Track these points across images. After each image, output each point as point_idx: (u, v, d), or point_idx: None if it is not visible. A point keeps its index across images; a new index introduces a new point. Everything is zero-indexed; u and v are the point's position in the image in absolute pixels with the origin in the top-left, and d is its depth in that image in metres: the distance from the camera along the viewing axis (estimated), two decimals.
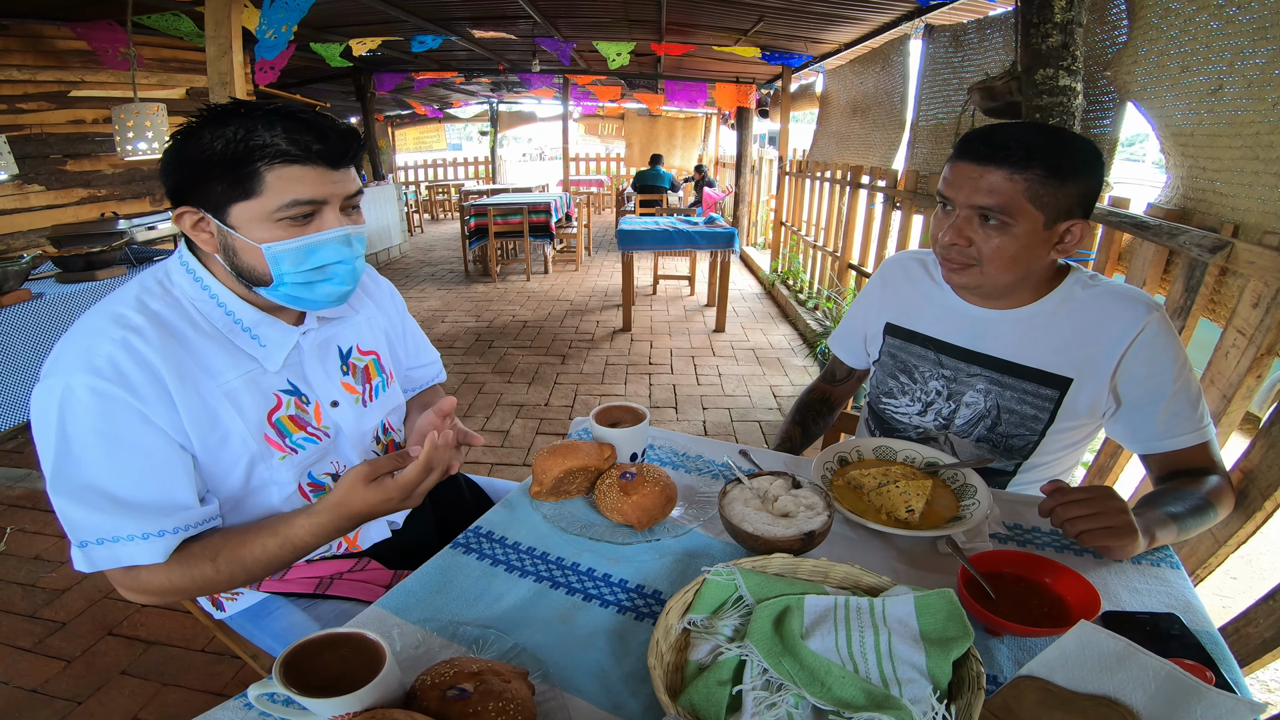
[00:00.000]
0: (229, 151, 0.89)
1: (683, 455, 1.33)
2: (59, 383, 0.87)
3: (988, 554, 0.94)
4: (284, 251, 0.94)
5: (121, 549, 0.88)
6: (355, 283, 1.04)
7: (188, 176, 0.93)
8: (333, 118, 0.97)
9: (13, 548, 2.50)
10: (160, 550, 0.90)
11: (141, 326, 0.91)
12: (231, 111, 0.92)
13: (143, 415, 0.89)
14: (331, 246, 0.97)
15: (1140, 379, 1.15)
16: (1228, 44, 1.79)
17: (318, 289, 1.00)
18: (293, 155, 0.91)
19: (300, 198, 0.92)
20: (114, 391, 0.87)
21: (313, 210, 0.95)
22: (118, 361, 0.88)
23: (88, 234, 3.40)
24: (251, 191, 0.91)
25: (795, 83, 7.52)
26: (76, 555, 0.90)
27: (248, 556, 0.95)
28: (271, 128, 0.90)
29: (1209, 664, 0.79)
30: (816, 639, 0.76)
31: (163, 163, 0.95)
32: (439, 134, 16.10)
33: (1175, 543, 1.05)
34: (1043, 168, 1.05)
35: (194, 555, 0.93)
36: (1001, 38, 3.20)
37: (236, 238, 0.93)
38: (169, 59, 5.46)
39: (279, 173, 0.91)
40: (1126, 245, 2.23)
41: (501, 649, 0.83)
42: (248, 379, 1.01)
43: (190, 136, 0.91)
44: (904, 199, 3.99)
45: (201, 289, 1.00)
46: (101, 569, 0.90)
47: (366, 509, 0.95)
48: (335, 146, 0.94)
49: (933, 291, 1.36)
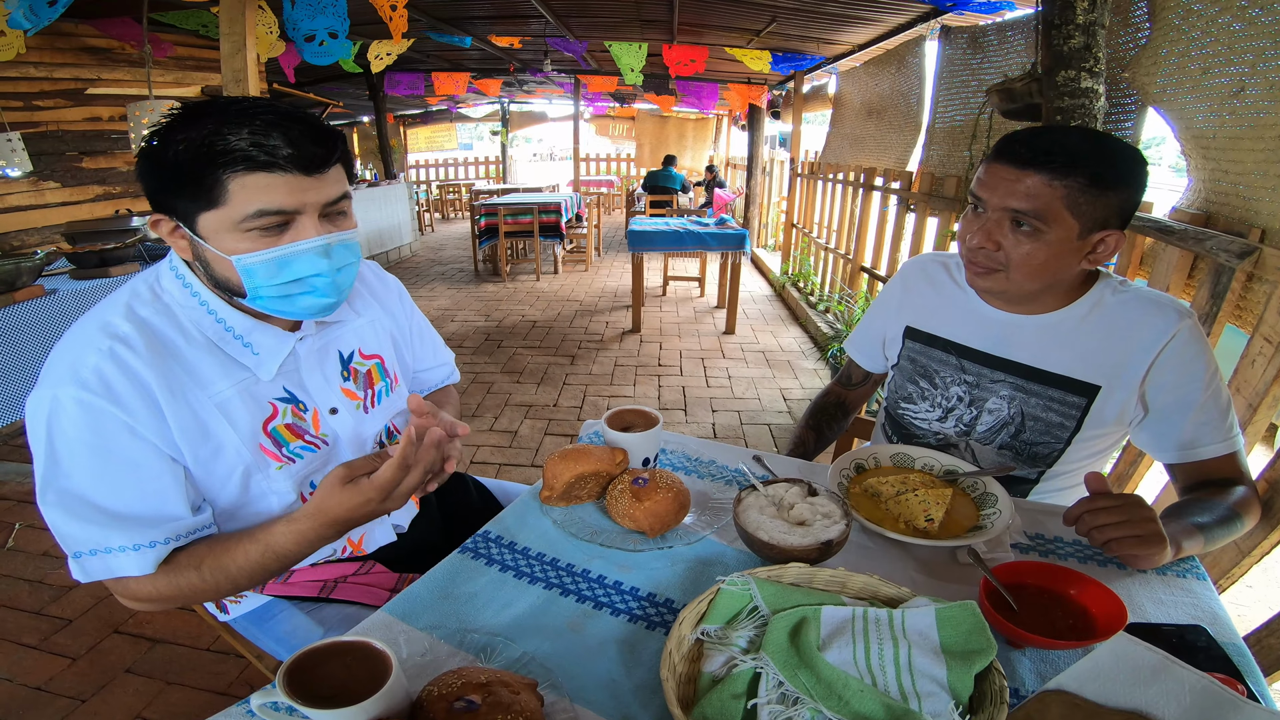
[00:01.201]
0: (193, 157, 0.83)
1: (695, 460, 1.31)
2: (47, 394, 0.85)
3: (1010, 565, 0.92)
4: (255, 264, 0.89)
5: (113, 560, 0.87)
6: (340, 294, 0.98)
7: (159, 181, 0.87)
8: (315, 117, 0.90)
9: (20, 543, 2.51)
10: (149, 561, 0.88)
11: (129, 336, 0.89)
12: (204, 111, 0.86)
13: (129, 427, 0.87)
14: (307, 259, 0.91)
15: (1170, 387, 1.12)
16: (1250, 45, 1.76)
17: (297, 301, 0.95)
18: (258, 162, 0.84)
19: (267, 208, 0.86)
20: (100, 404, 0.85)
21: (285, 220, 0.89)
22: (104, 373, 0.86)
23: (102, 231, 3.40)
24: (215, 201, 0.85)
25: (808, 84, 7.49)
26: (72, 565, 0.89)
27: (231, 565, 0.92)
28: (237, 131, 0.83)
29: (1236, 676, 0.79)
30: (834, 651, 0.75)
31: (138, 167, 0.89)
32: (450, 133, 16.16)
33: (1201, 554, 1.02)
34: (1085, 175, 1.01)
35: (179, 564, 0.91)
36: (1020, 39, 3.16)
37: (206, 248, 0.89)
38: (185, 57, 5.49)
39: (242, 181, 0.84)
40: (1148, 249, 2.19)
41: (510, 658, 0.81)
42: (241, 388, 0.97)
43: (163, 138, 0.85)
44: (918, 201, 3.96)
45: (191, 295, 0.96)
46: (95, 579, 0.89)
47: (345, 512, 0.89)
48: (307, 152, 0.87)
49: (956, 295, 1.33)
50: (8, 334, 2.88)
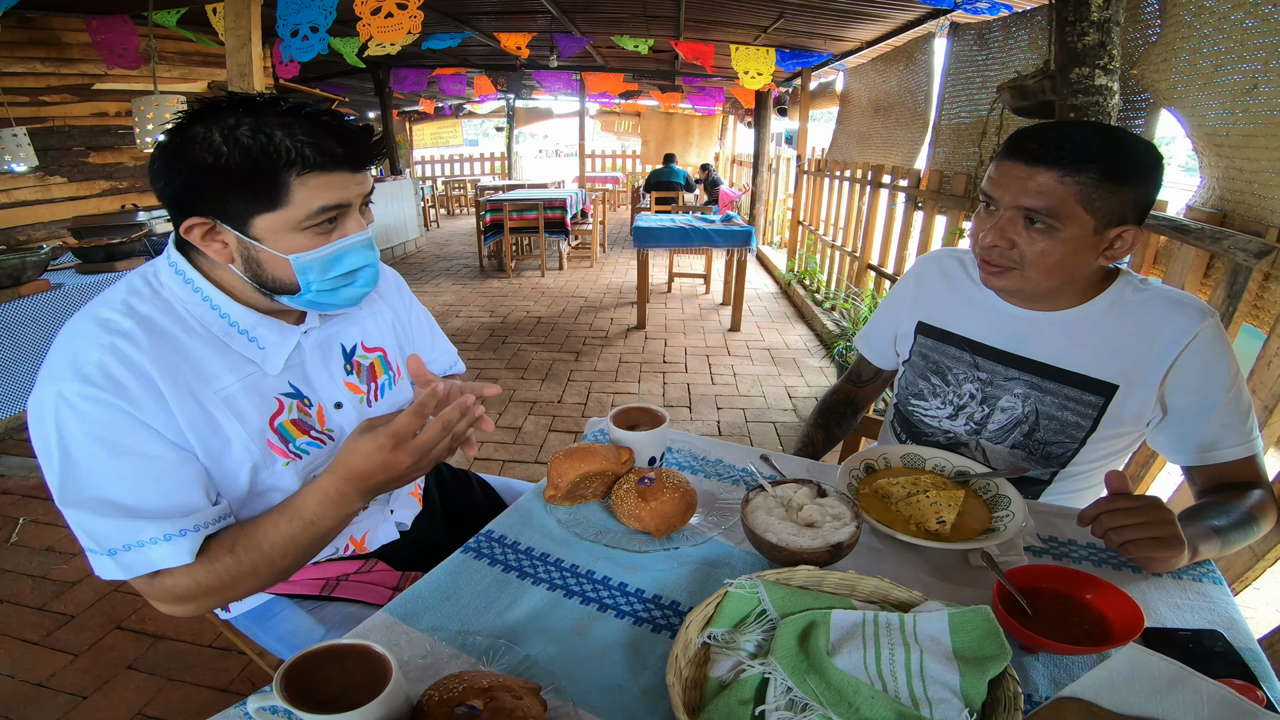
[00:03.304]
0: (249, 158, 0.83)
1: (702, 460, 1.29)
2: (51, 391, 0.83)
3: (1024, 568, 0.90)
4: (312, 261, 0.92)
5: (150, 552, 0.84)
6: (376, 283, 1.02)
7: (195, 183, 0.85)
8: (342, 116, 0.93)
9: (24, 539, 2.51)
10: (187, 549, 0.86)
11: (130, 331, 0.87)
12: (233, 107, 0.85)
13: (140, 421, 0.85)
14: (358, 252, 0.95)
15: (1191, 388, 1.10)
16: (1263, 42, 1.74)
17: (341, 293, 0.98)
18: (318, 163, 0.86)
19: (329, 204, 0.89)
20: (107, 399, 0.83)
21: (337, 215, 0.92)
22: (108, 368, 0.84)
23: (108, 225, 3.40)
24: (277, 202, 0.86)
25: (814, 81, 7.44)
26: (106, 564, 0.85)
27: (264, 541, 0.91)
28: (291, 132, 0.85)
29: (1253, 682, 0.78)
30: (844, 656, 0.73)
31: (157, 165, 0.87)
32: (456, 130, 16.17)
33: (1217, 558, 1.00)
34: (1098, 171, 0.99)
35: (213, 552, 0.89)
36: (1029, 36, 3.13)
37: (261, 250, 0.89)
38: (191, 52, 5.50)
39: (304, 181, 0.86)
40: (1162, 247, 2.16)
41: (512, 661, 0.79)
42: (246, 383, 0.97)
43: (189, 137, 0.84)
44: (926, 199, 3.93)
45: (193, 291, 0.95)
46: (137, 574, 0.86)
47: (362, 460, 0.88)
48: (359, 149, 0.91)
49: (972, 291, 1.30)
50: (13, 328, 2.88)
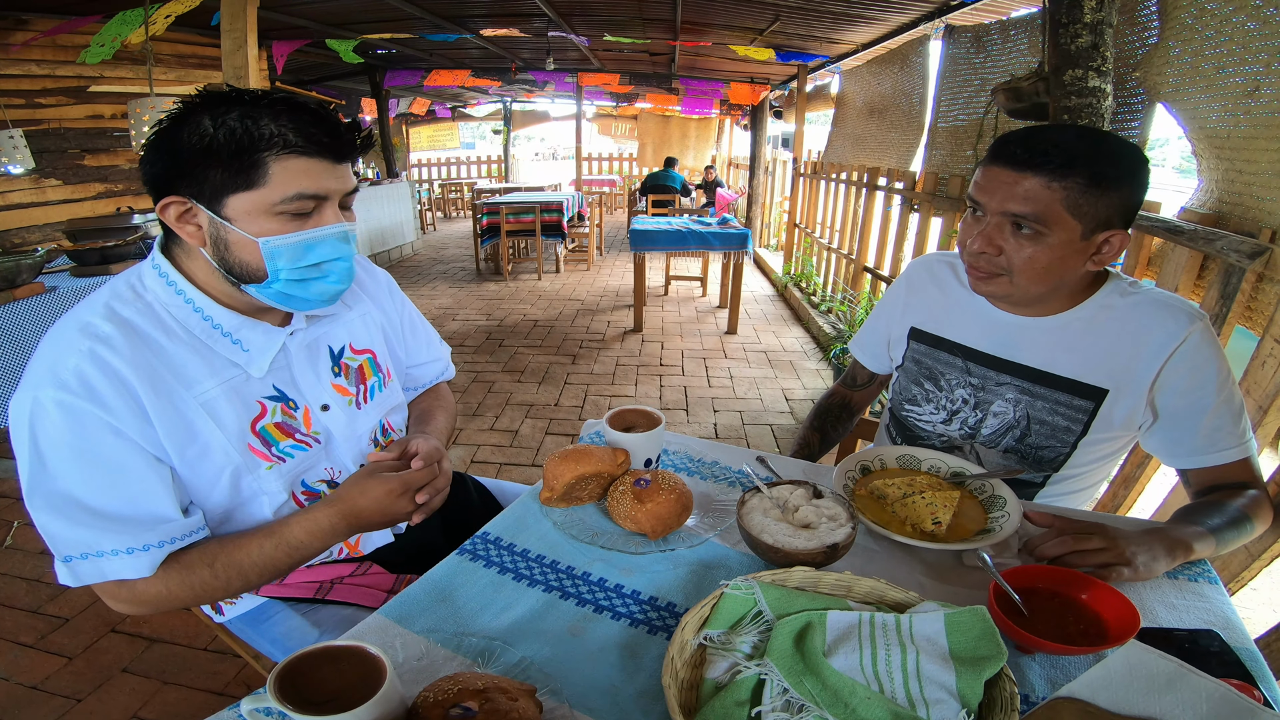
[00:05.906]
0: (233, 139, 0.85)
1: (699, 461, 1.29)
2: (28, 396, 0.84)
3: (1020, 569, 0.90)
4: (281, 246, 0.91)
5: (106, 563, 0.86)
6: (350, 281, 1.01)
7: (179, 163, 0.87)
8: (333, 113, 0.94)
9: (19, 541, 2.50)
10: (146, 565, 0.87)
11: (110, 336, 0.87)
12: (228, 99, 0.88)
13: (112, 428, 0.86)
14: (330, 243, 0.95)
15: (1181, 391, 1.10)
16: (1265, 44, 1.74)
17: (311, 287, 0.96)
18: (300, 147, 0.88)
19: (305, 191, 0.89)
20: (81, 405, 0.84)
21: (314, 205, 0.92)
22: (85, 375, 0.84)
23: (103, 228, 3.39)
24: (254, 182, 0.87)
25: (810, 83, 7.46)
26: (61, 570, 0.87)
27: (244, 560, 0.92)
28: (278, 118, 0.87)
29: (1250, 681, 0.78)
30: (840, 657, 0.73)
31: (147, 150, 0.89)
32: (452, 132, 16.15)
33: (1212, 557, 1.00)
34: (1084, 176, 0.99)
35: (191, 563, 0.91)
36: (1025, 38, 3.14)
37: (231, 230, 0.89)
38: (187, 55, 5.49)
39: (285, 164, 0.88)
40: (1156, 249, 2.17)
41: (508, 663, 0.79)
42: (228, 387, 0.96)
43: (182, 123, 0.87)
44: (922, 201, 3.94)
45: (176, 293, 0.95)
46: (87, 584, 0.87)
47: (369, 501, 0.95)
48: (344, 141, 0.92)
49: (962, 296, 1.30)
50: (8, 331, 2.86)
